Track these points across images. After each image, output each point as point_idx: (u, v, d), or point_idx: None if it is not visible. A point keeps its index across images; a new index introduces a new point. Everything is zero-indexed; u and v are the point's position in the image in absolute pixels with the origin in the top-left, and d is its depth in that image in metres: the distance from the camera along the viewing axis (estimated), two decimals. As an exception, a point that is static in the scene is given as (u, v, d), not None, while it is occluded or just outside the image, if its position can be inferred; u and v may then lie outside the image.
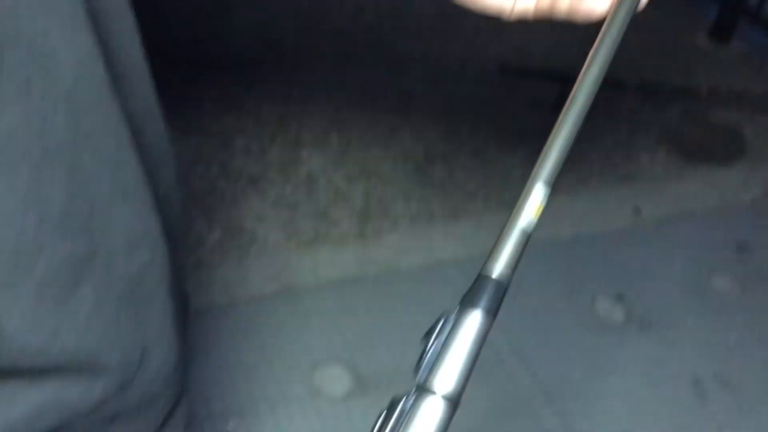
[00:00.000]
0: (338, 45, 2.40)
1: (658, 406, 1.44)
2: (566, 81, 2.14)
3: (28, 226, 0.33)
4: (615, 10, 0.40)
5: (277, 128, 1.97)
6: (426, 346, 0.32)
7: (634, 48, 2.69)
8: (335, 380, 1.36)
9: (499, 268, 0.36)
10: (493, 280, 0.35)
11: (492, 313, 0.35)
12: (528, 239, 0.37)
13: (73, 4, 0.35)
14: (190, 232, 1.64)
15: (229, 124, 1.97)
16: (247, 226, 1.67)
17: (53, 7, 0.35)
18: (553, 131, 0.39)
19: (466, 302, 0.34)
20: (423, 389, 0.32)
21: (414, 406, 0.31)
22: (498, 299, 0.35)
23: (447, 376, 0.33)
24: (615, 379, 1.47)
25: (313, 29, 2.50)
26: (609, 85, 1.98)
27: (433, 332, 0.33)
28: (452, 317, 0.33)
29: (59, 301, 0.34)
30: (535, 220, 0.38)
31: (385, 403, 0.33)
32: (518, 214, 0.37)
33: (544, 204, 0.39)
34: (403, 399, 0.31)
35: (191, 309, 1.45)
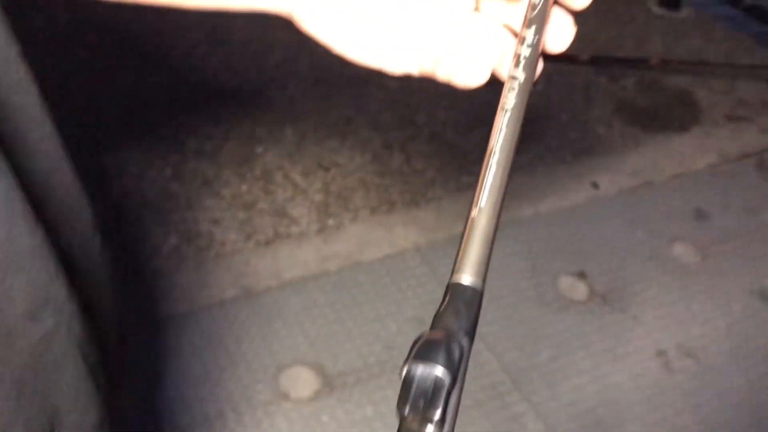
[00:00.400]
0: (289, 33, 2.36)
1: (625, 380, 1.46)
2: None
3: None
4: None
5: (230, 126, 1.94)
6: (407, 379, 0.28)
7: (587, 20, 2.68)
8: (302, 381, 1.36)
9: (469, 272, 0.32)
10: (466, 288, 0.31)
11: (471, 333, 0.31)
12: (495, 233, 0.34)
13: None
14: (146, 239, 1.61)
15: (180, 124, 1.93)
16: (203, 230, 1.64)
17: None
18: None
19: (442, 324, 0.30)
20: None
21: None
22: (475, 313, 0.31)
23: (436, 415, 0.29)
24: (581, 356, 1.49)
25: (263, 17, 2.46)
26: (562, 59, 1.98)
27: (413, 362, 0.29)
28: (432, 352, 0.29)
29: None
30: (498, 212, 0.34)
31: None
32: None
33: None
34: None
35: (155, 317, 1.43)
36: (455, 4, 0.39)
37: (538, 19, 0.37)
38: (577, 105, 2.16)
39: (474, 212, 0.33)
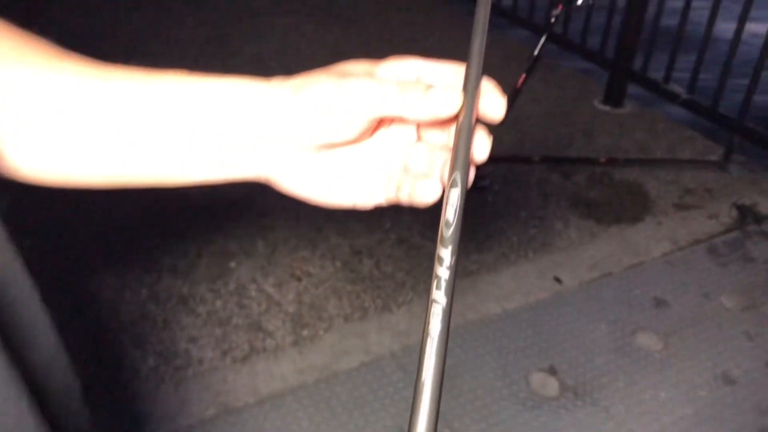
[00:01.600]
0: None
1: (602, 474, 1.49)
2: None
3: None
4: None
5: (202, 242, 1.99)
6: None
7: (538, 120, 2.86)
8: (285, 500, 1.36)
9: None
10: None
11: None
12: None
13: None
14: (124, 362, 1.63)
15: (153, 243, 1.98)
16: (180, 349, 1.67)
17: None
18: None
19: None
20: None
21: None
22: None
23: None
24: (557, 453, 1.52)
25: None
26: (517, 160, 2.11)
27: None
28: None
29: None
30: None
31: None
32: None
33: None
34: None
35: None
36: (403, 140, 0.47)
37: (452, 239, 0.39)
38: (534, 202, 2.28)
39: None
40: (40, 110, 0.42)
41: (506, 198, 2.28)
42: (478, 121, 0.43)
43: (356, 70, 0.43)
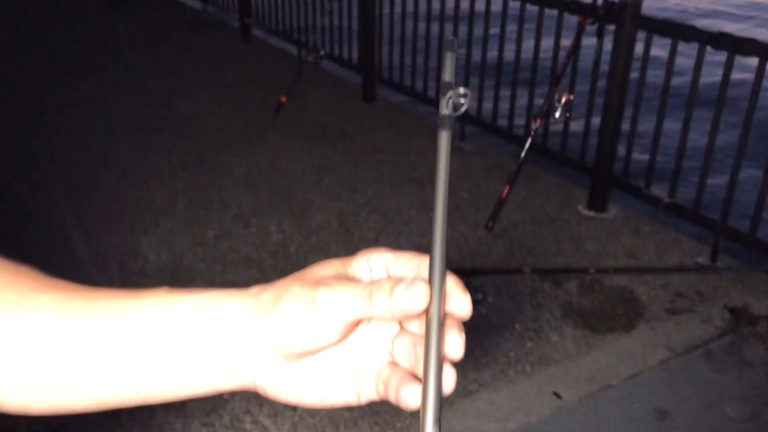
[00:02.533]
0: (249, 271, 2.48)
1: None
2: (469, 274, 2.20)
3: None
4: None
5: (195, 372, 1.96)
6: None
7: (524, 228, 2.90)
8: None
9: None
10: None
11: None
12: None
13: None
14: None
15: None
16: (174, 491, 1.61)
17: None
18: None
19: None
20: None
21: None
22: None
23: None
24: None
25: (222, 258, 2.57)
26: (508, 272, 2.11)
27: None
28: None
29: None
30: None
31: None
32: None
33: None
34: None
35: None
36: (386, 333, 0.47)
37: None
38: (528, 313, 2.27)
39: None
40: (22, 350, 0.43)
41: (500, 310, 2.28)
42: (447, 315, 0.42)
43: (327, 273, 0.45)
